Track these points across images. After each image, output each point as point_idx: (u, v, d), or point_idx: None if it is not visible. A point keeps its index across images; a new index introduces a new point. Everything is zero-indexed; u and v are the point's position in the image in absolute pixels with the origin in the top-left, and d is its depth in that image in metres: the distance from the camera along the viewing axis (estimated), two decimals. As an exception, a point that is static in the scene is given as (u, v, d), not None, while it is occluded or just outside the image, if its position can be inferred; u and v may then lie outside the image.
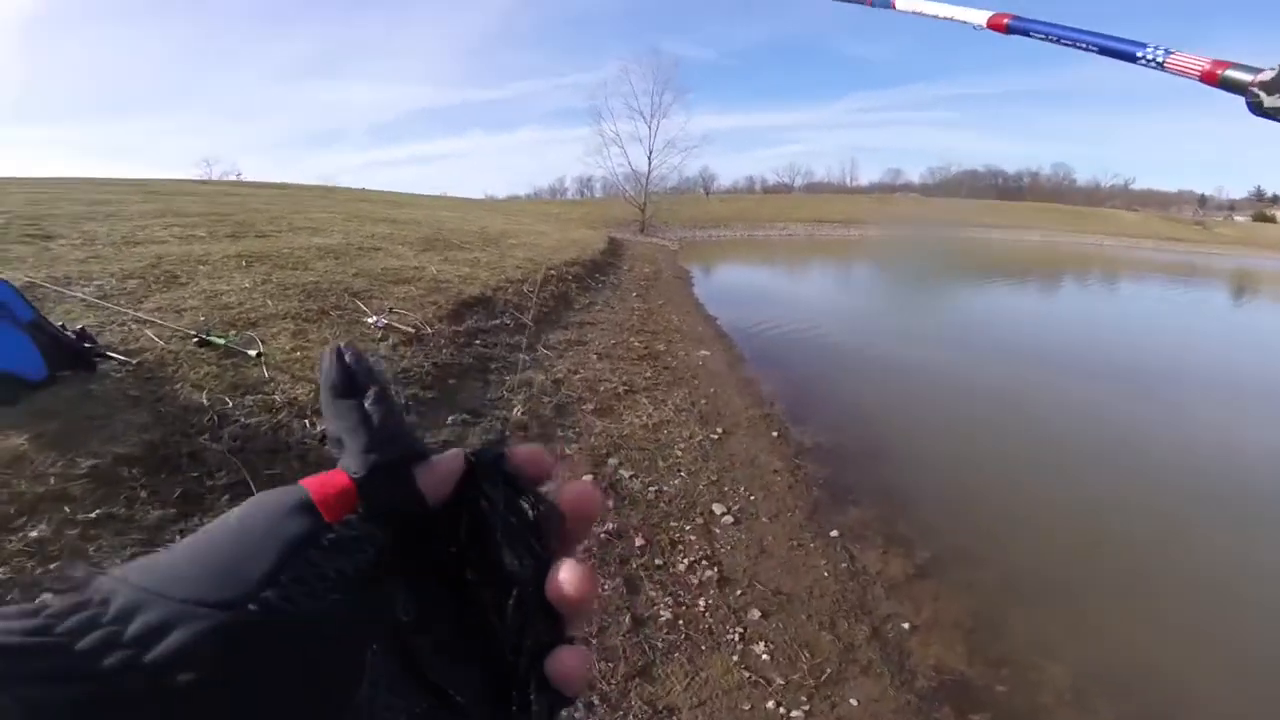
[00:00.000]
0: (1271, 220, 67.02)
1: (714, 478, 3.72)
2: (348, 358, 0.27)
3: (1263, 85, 0.46)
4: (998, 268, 18.90)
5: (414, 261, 6.85)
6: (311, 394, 3.22)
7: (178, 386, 3.12)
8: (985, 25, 0.73)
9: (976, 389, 6.58)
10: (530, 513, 0.27)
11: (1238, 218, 69.93)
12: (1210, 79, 0.48)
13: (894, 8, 0.89)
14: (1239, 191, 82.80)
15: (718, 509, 3.41)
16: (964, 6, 0.77)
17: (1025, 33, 0.69)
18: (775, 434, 4.57)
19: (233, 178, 51.85)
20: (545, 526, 0.27)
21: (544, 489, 0.28)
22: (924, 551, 3.35)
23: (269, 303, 4.49)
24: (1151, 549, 3.54)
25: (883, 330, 9.60)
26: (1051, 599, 3.10)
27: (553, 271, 8.44)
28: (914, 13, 0.85)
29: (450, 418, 3.54)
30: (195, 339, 3.51)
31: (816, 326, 9.15)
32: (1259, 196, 78.74)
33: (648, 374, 5.24)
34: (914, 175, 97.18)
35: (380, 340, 4.11)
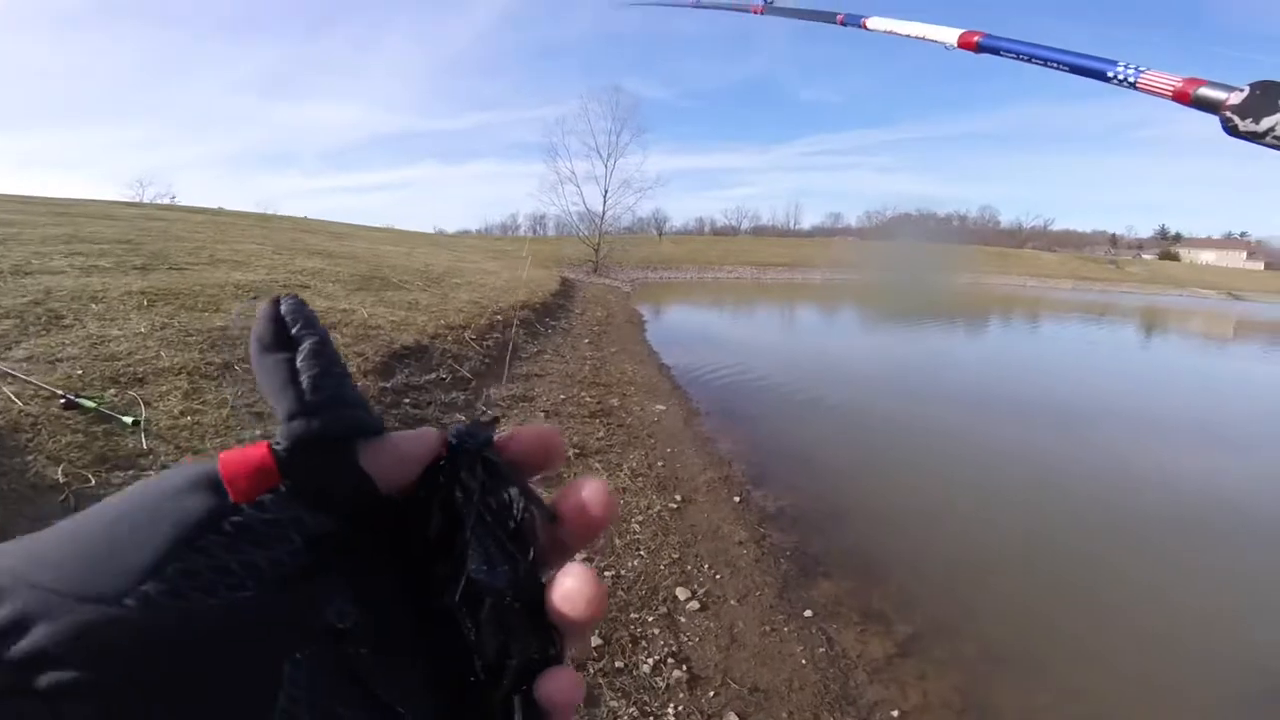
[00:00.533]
0: (1175, 258, 74.79)
1: (676, 555, 3.38)
2: (283, 307, 0.23)
3: (1235, 109, 0.44)
4: (935, 312, 19.76)
5: (344, 303, 6.37)
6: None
7: (29, 459, 2.62)
8: (956, 44, 0.73)
9: (930, 436, 6.56)
10: (514, 509, 0.23)
11: (1145, 256, 76.72)
12: (1183, 98, 0.48)
13: (865, 27, 0.89)
14: (1145, 230, 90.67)
15: (682, 594, 3.09)
16: (934, 26, 0.76)
17: (996, 51, 0.68)
18: (737, 499, 4.31)
19: (166, 200, 50.16)
20: (529, 528, 0.24)
21: (538, 483, 0.25)
22: (903, 625, 3.15)
23: (164, 353, 3.98)
24: (1132, 597, 3.46)
25: (832, 378, 9.58)
26: (1037, 666, 2.96)
27: (499, 316, 8.05)
28: (887, 32, 0.85)
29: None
30: (62, 400, 2.99)
31: (767, 375, 9.05)
32: (1163, 235, 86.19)
33: (601, 434, 4.89)
34: (852, 219, 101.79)
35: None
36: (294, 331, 0.23)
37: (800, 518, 4.23)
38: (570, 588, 0.23)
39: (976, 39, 0.71)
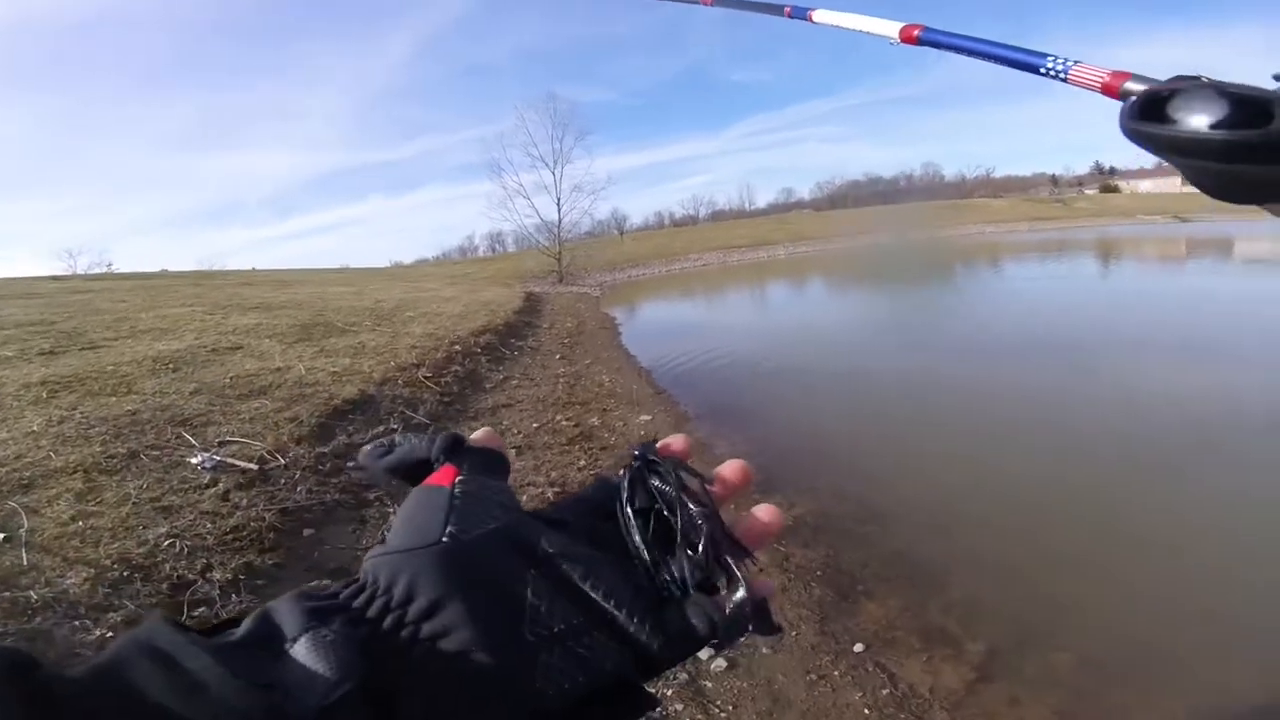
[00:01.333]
0: (1116, 190, 77.89)
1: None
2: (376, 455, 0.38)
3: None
4: (905, 268, 19.91)
5: (278, 360, 5.79)
6: (89, 581, 2.39)
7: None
8: (898, 38, 0.76)
9: (952, 400, 6.11)
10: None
11: (1087, 191, 79.22)
12: (1110, 91, 0.50)
13: (811, 20, 0.92)
14: (1082, 168, 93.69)
15: (702, 652, 2.58)
16: (877, 19, 0.79)
17: (935, 44, 0.71)
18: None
19: (102, 269, 48.83)
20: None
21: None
22: (975, 643, 2.66)
23: (55, 453, 3.46)
24: (1246, 567, 2.95)
25: (823, 353, 9.21)
26: (1152, 665, 2.51)
27: (457, 346, 7.50)
28: (831, 25, 0.88)
29: (305, 588, 2.56)
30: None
31: (754, 360, 8.66)
32: (1099, 170, 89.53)
33: (582, 462, 4.38)
34: (804, 192, 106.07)
35: (208, 488, 3.09)
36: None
37: (823, 525, 3.71)
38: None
39: (916, 32, 0.74)
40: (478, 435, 0.38)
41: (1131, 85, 0.49)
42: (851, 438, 5.25)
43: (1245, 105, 0.29)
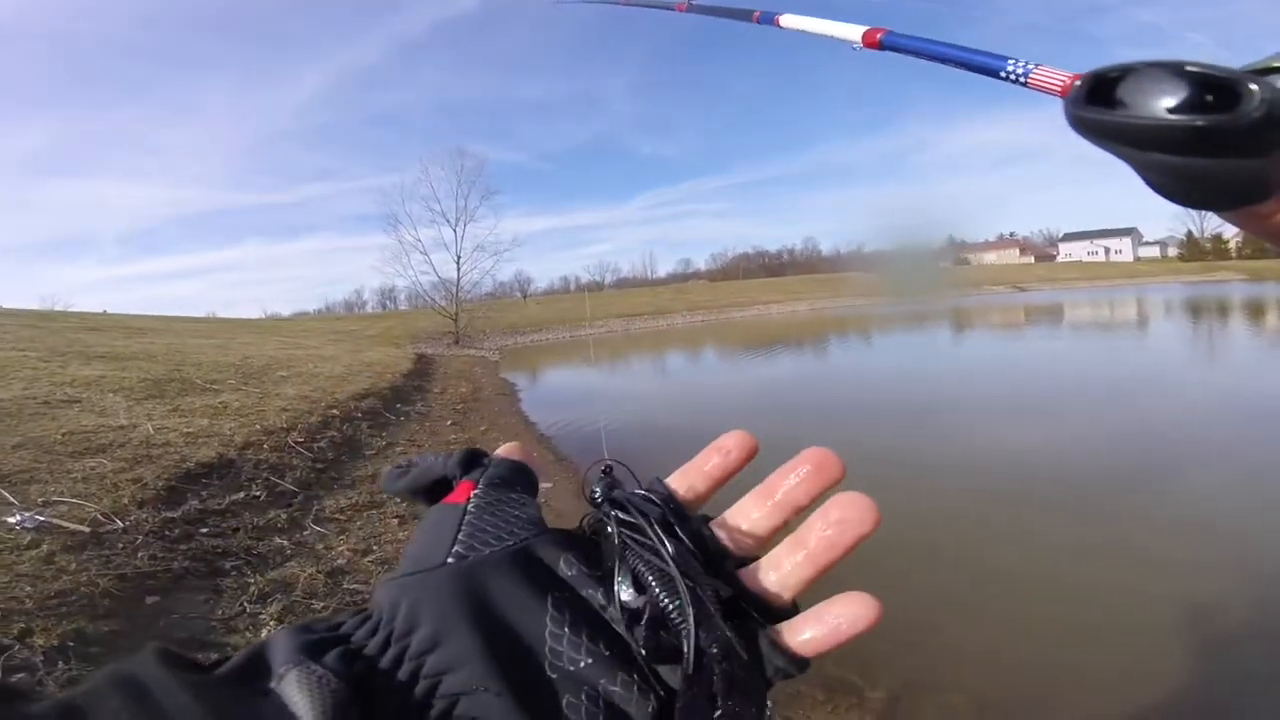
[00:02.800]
0: (965, 263, 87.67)
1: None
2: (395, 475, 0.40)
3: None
4: (802, 340, 21.93)
5: (123, 418, 5.34)
6: None
7: None
8: (861, 42, 0.78)
9: (848, 454, 6.54)
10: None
11: (942, 265, 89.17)
12: (1068, 94, 0.41)
13: (778, 25, 1.01)
14: (935, 243, 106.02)
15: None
16: (841, 24, 0.83)
17: (897, 48, 0.73)
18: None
19: None
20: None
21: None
22: (875, 691, 2.85)
23: None
24: (1083, 568, 3.33)
25: (716, 414, 9.83)
26: (1040, 703, 2.77)
27: (335, 410, 7.20)
28: (797, 30, 0.95)
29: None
30: None
31: (657, 422, 8.99)
32: (951, 243, 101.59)
33: (471, 531, 4.30)
34: (700, 263, 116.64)
35: (28, 549, 2.79)
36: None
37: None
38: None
39: (879, 36, 0.76)
40: (504, 449, 0.38)
41: None
42: (740, 493, 5.49)
43: (1208, 86, 0.25)
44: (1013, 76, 0.57)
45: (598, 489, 0.35)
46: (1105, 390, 9.31)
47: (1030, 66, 0.55)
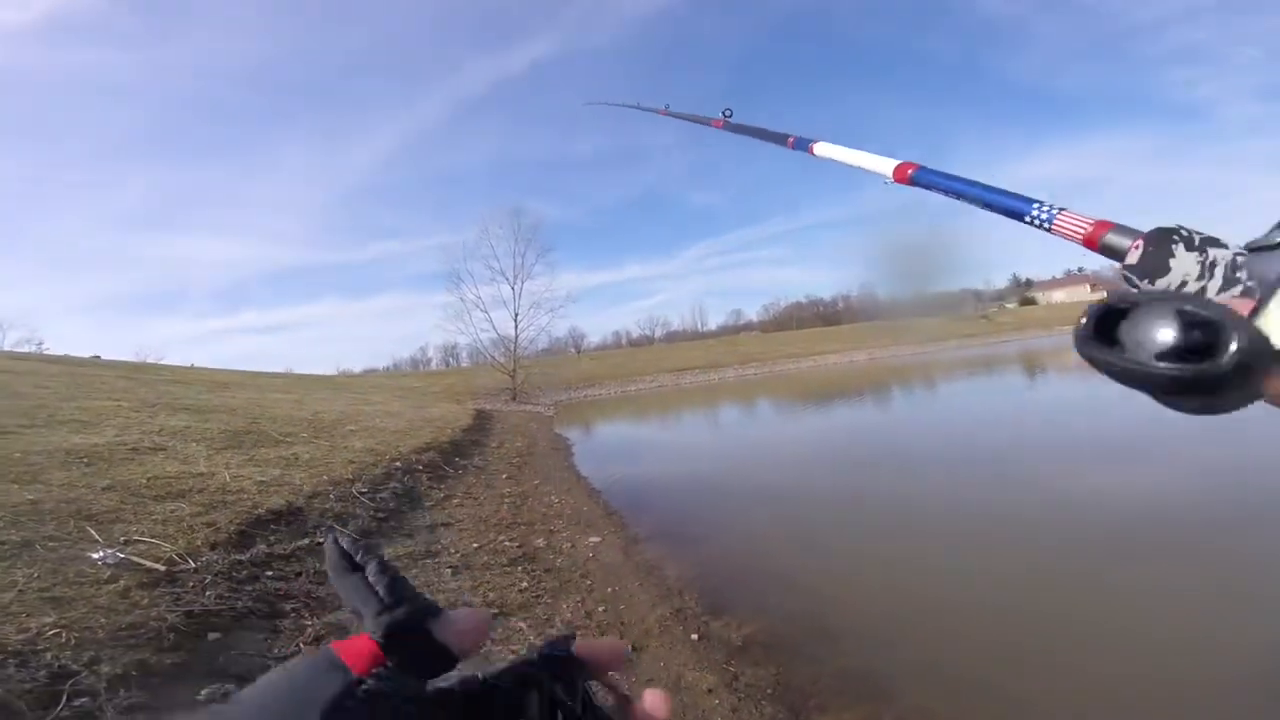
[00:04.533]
0: (1033, 302, 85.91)
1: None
2: (342, 541, 0.36)
3: (1132, 270, 0.45)
4: (863, 391, 21.05)
5: (203, 465, 5.66)
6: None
7: None
8: (892, 177, 0.79)
9: (899, 518, 6.30)
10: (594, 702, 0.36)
11: (1008, 305, 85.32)
12: (1091, 244, 0.49)
13: (812, 153, 1.00)
14: (1000, 281, 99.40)
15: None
16: (873, 155, 0.85)
17: (927, 185, 0.74)
18: (695, 636, 3.82)
19: (31, 347, 46.77)
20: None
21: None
22: None
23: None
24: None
25: (773, 472, 9.55)
26: None
27: (398, 463, 7.43)
28: (831, 159, 0.94)
29: (204, 691, 2.41)
30: None
31: (707, 481, 8.90)
32: (1017, 283, 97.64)
33: (524, 584, 4.31)
34: (752, 313, 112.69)
35: (107, 583, 2.96)
36: (358, 558, 0.36)
37: (774, 644, 3.75)
38: (650, 703, 0.36)
39: (910, 171, 0.76)
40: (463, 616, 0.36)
41: (1112, 238, 0.48)
42: (800, 559, 5.31)
43: (1196, 331, 0.27)
44: (1037, 221, 0.57)
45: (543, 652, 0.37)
46: (1184, 436, 8.68)
47: (1054, 210, 0.55)
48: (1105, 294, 0.34)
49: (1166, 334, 0.28)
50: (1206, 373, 0.27)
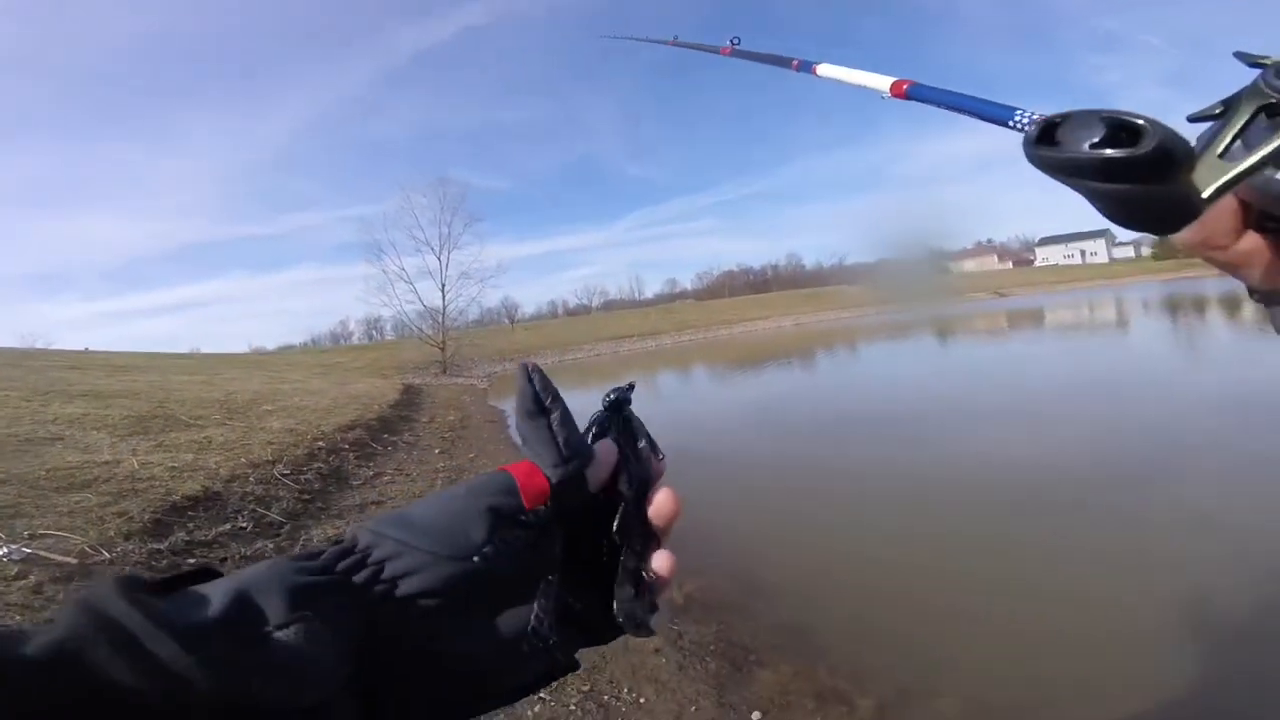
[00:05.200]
0: (946, 271, 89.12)
1: (585, 687, 2.85)
2: (536, 383, 0.42)
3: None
4: (792, 355, 22.07)
5: (107, 454, 5.25)
6: None
7: None
8: (889, 92, 0.84)
9: (815, 476, 6.62)
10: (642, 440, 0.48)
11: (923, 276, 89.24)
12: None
13: (815, 73, 1.06)
14: (918, 253, 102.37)
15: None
16: (872, 74, 0.89)
17: (921, 99, 0.78)
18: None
19: None
20: (649, 461, 0.47)
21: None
22: (865, 699, 2.84)
23: None
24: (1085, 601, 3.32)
25: (709, 433, 9.77)
26: (1032, 709, 2.75)
27: (321, 443, 7.12)
28: (833, 79, 1.00)
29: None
30: None
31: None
32: (932, 254, 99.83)
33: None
34: (687, 282, 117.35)
35: (16, 580, 2.73)
36: (547, 403, 0.41)
37: (715, 603, 3.86)
38: (659, 500, 0.44)
39: (906, 86, 0.80)
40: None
41: None
42: (736, 518, 5.45)
43: (1118, 127, 0.32)
44: (1019, 127, 0.60)
45: (613, 395, 0.50)
46: (1089, 392, 9.39)
47: (1034, 116, 0.59)
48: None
49: (1096, 130, 0.32)
50: (1133, 154, 0.31)
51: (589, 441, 0.45)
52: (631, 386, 0.51)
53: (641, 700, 2.81)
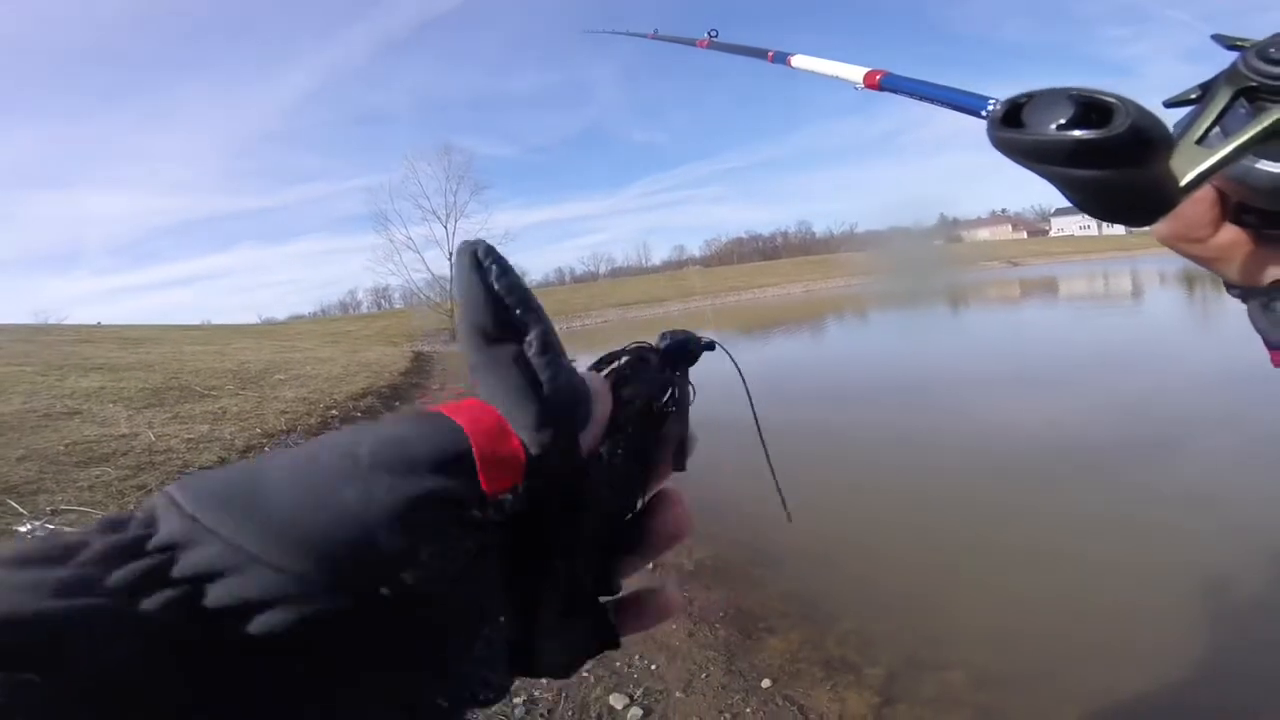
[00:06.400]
0: (959, 240, 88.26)
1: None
2: (496, 280, 0.25)
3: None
4: (801, 322, 22.17)
5: (124, 427, 5.34)
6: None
7: None
8: (862, 83, 0.84)
9: (823, 443, 6.52)
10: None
11: (935, 243, 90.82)
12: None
13: (789, 64, 1.06)
14: (929, 220, 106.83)
15: (617, 701, 2.66)
16: (845, 64, 0.89)
17: (894, 89, 0.78)
18: (650, 565, 3.90)
19: None
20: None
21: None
22: (874, 668, 2.85)
23: None
24: (1114, 578, 3.35)
25: (713, 401, 9.67)
26: (1044, 675, 2.75)
27: (334, 411, 7.21)
28: (807, 70, 0.99)
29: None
30: None
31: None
32: (944, 221, 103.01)
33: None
34: (695, 249, 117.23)
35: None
36: (516, 314, 0.25)
37: (724, 569, 3.91)
38: (675, 512, 0.33)
39: (879, 77, 0.80)
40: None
41: None
42: (744, 484, 5.48)
43: (1088, 107, 0.29)
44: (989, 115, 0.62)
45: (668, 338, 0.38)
46: (1104, 362, 9.32)
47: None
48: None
49: (1064, 110, 0.29)
50: (1104, 136, 0.28)
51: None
52: (712, 345, 0.39)
53: (653, 667, 2.87)
